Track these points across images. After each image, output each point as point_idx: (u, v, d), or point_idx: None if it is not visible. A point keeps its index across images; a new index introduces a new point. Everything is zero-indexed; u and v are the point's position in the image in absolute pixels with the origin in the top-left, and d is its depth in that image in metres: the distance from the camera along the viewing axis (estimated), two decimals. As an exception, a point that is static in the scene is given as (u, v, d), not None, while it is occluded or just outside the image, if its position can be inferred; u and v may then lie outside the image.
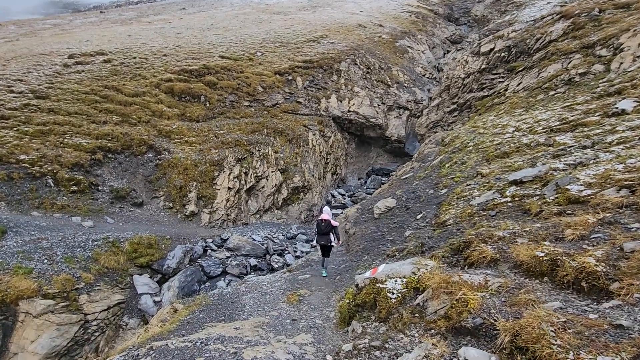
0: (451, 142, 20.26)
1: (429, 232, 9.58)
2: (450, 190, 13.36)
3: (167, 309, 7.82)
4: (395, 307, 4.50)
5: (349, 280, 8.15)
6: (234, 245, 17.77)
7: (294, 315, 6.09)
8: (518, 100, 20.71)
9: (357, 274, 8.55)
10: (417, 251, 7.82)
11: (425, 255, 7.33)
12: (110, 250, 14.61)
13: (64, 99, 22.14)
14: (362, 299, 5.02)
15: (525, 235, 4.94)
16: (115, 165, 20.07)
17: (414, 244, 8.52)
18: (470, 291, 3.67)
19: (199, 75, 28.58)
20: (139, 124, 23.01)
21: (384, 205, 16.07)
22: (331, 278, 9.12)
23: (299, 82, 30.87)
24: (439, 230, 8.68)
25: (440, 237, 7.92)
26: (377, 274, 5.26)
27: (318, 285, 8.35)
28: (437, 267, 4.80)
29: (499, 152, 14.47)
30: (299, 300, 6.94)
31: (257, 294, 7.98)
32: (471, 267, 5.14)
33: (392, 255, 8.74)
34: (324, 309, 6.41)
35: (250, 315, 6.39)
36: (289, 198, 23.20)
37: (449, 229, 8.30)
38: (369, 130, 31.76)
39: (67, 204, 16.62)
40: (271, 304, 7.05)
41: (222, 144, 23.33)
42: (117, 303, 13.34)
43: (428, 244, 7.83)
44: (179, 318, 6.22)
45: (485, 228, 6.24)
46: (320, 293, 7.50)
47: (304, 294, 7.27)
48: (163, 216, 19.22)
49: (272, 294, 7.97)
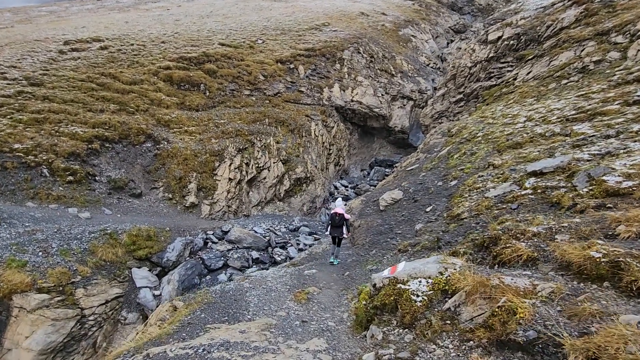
0: (458, 133, 19.67)
1: (442, 225, 9.09)
2: (461, 182, 12.84)
3: (166, 307, 7.36)
4: (421, 311, 4.01)
5: (359, 277, 7.68)
6: (235, 238, 17.33)
7: (304, 316, 5.62)
8: (528, 89, 20.04)
9: (369, 269, 8.10)
10: (432, 246, 7.34)
11: (442, 251, 6.84)
12: (107, 242, 14.14)
13: (59, 86, 21.46)
14: (381, 301, 4.53)
15: (565, 232, 4.43)
16: (112, 155, 19.50)
17: (428, 239, 8.03)
18: (516, 297, 3.17)
19: (198, 63, 27.80)
20: (137, 112, 22.36)
21: (390, 197, 15.56)
22: (339, 274, 8.66)
23: (301, 71, 30.10)
24: (454, 224, 8.19)
25: (457, 232, 7.43)
26: (397, 272, 4.75)
27: (326, 281, 7.88)
28: (467, 267, 4.30)
29: (510, 142, 13.91)
30: (307, 298, 6.47)
31: (262, 291, 7.52)
32: (502, 266, 4.65)
33: (404, 250, 8.26)
34: (335, 308, 5.94)
35: (255, 315, 5.92)
36: (291, 189, 22.69)
37: (466, 222, 7.80)
38: (372, 120, 31.10)
39: (63, 194, 16.10)
40: (277, 303, 6.59)
41: (222, 133, 22.72)
42: (115, 297, 12.92)
43: (444, 238, 7.34)
44: (179, 318, 5.76)
45: (512, 222, 5.72)
46: (330, 291, 7.03)
47: (312, 291, 6.80)
48: (162, 207, 18.73)
49: (277, 290, 7.50)
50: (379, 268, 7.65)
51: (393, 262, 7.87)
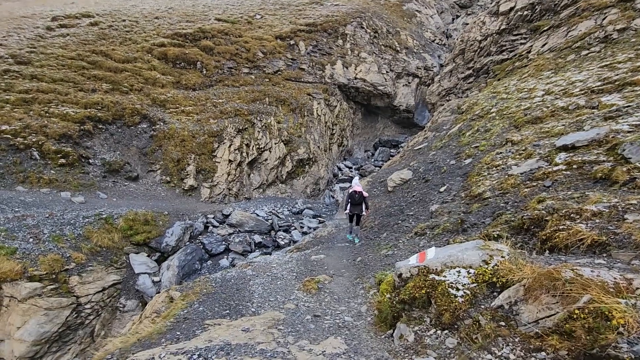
0: (469, 109, 18.68)
1: (461, 206, 8.33)
2: (477, 160, 12.02)
3: (162, 297, 6.70)
4: (463, 309, 3.28)
5: (373, 263, 6.98)
6: (237, 221, 16.67)
7: (315, 309, 4.94)
8: (544, 62, 18.87)
9: (384, 254, 7.39)
10: (456, 229, 6.59)
11: (469, 234, 6.10)
12: (103, 227, 13.49)
13: (48, 64, 20.35)
14: (410, 294, 3.80)
15: (636, 210, 3.64)
16: (106, 137, 18.64)
17: (449, 220, 7.28)
18: (605, 296, 2.40)
19: (194, 40, 26.47)
20: (131, 92, 21.33)
21: (398, 177, 14.78)
22: (350, 260, 7.97)
23: (302, 47, 28.74)
24: (477, 204, 7.42)
25: (483, 212, 6.66)
26: (427, 260, 4.00)
27: (337, 268, 7.19)
28: (517, 254, 3.54)
29: (529, 117, 12.99)
30: (317, 288, 5.78)
31: (267, 279, 6.84)
32: (555, 252, 3.88)
33: (421, 233, 7.52)
34: (350, 300, 5.25)
35: (260, 308, 5.24)
36: (293, 171, 21.90)
37: (491, 202, 7.03)
38: (377, 99, 29.94)
39: (55, 178, 15.35)
40: (284, 293, 5.91)
41: (221, 113, 21.75)
42: (113, 284, 12.36)
43: (469, 220, 6.59)
44: (174, 312, 5.09)
45: (555, 201, 4.93)
46: (342, 279, 6.34)
47: (323, 280, 6.10)
48: (160, 191, 18.01)
49: (284, 278, 6.82)
50: (396, 253, 6.94)
51: (410, 246, 7.15)
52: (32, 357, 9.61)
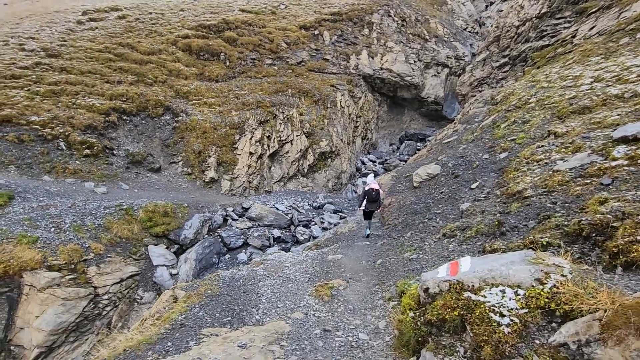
0: (505, 100, 17.27)
1: (497, 205, 7.41)
2: (513, 154, 10.92)
3: (167, 295, 6.33)
4: (511, 342, 2.54)
5: (395, 267, 6.25)
6: (256, 215, 16.33)
7: (326, 321, 4.33)
8: (592, 46, 17.09)
9: (407, 258, 6.64)
10: (492, 232, 5.74)
11: (508, 238, 5.24)
12: (123, 218, 13.49)
13: (77, 57, 20.76)
14: (438, 314, 3.09)
15: None
16: (130, 128, 18.78)
17: (483, 221, 6.41)
18: None
19: (218, 31, 26.29)
20: (155, 84, 21.43)
21: (425, 172, 13.83)
22: (369, 261, 7.28)
23: (326, 37, 27.90)
24: (516, 203, 6.49)
25: (525, 214, 5.76)
26: (461, 274, 3.26)
27: (354, 271, 6.54)
28: (583, 273, 2.74)
29: (575, 107, 11.66)
30: (331, 294, 5.16)
31: (278, 280, 6.29)
32: (634, 270, 3.03)
33: (450, 235, 6.70)
34: (367, 312, 4.59)
35: (266, 316, 4.70)
36: (315, 164, 21.30)
37: (535, 202, 6.10)
38: (403, 90, 28.68)
39: (79, 168, 15.57)
40: (295, 298, 5.33)
41: (243, 105, 21.45)
42: (131, 275, 12.32)
43: (508, 222, 5.71)
44: (172, 316, 4.65)
45: (625, 203, 4.02)
46: (359, 284, 5.68)
47: (337, 285, 5.47)
48: (181, 182, 17.96)
49: (296, 281, 6.25)
50: (421, 258, 6.17)
51: (438, 249, 6.35)
52: (50, 346, 9.66)
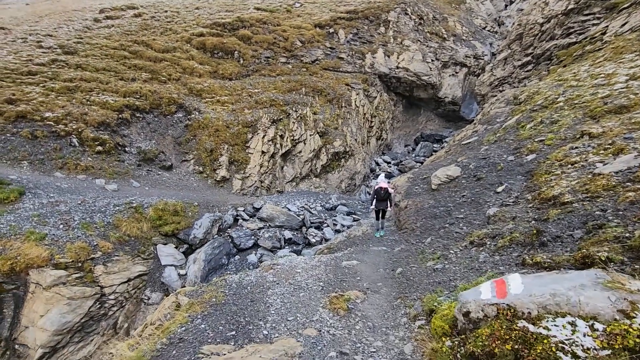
0: (529, 99, 16.42)
1: (529, 210, 6.75)
2: (543, 156, 10.19)
3: (170, 300, 5.92)
4: (587, 393, 1.94)
5: (417, 278, 5.67)
6: (267, 216, 15.91)
7: (343, 341, 3.80)
8: (625, 43, 16.09)
9: (430, 267, 6.02)
10: (529, 241, 5.11)
11: (551, 249, 4.61)
12: (132, 216, 13.26)
13: (92, 54, 20.82)
14: (484, 346, 2.54)
15: None
16: (143, 125, 18.65)
17: (516, 229, 5.78)
18: None
19: (232, 29, 26.09)
20: (169, 81, 21.32)
21: (444, 174, 13.14)
22: (387, 269, 6.72)
23: (342, 36, 27.39)
24: (555, 209, 5.83)
25: (568, 222, 5.11)
26: (512, 296, 2.70)
27: (372, 280, 5.99)
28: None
29: (610, 106, 10.84)
30: (347, 308, 4.64)
31: (288, 288, 5.80)
32: None
33: (480, 244, 6.08)
34: (389, 331, 4.04)
35: (275, 331, 4.21)
36: (328, 165, 20.78)
37: (577, 208, 5.44)
38: (420, 90, 27.90)
39: (91, 165, 15.46)
40: (307, 310, 4.83)
41: (256, 103, 21.12)
42: (139, 275, 12.05)
43: (548, 230, 5.06)
44: (171, 328, 4.22)
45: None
46: (378, 297, 5.13)
47: (354, 298, 4.94)
48: (192, 181, 17.72)
49: (308, 289, 5.75)
50: (447, 268, 5.57)
51: (466, 259, 5.74)
52: (54, 346, 9.42)
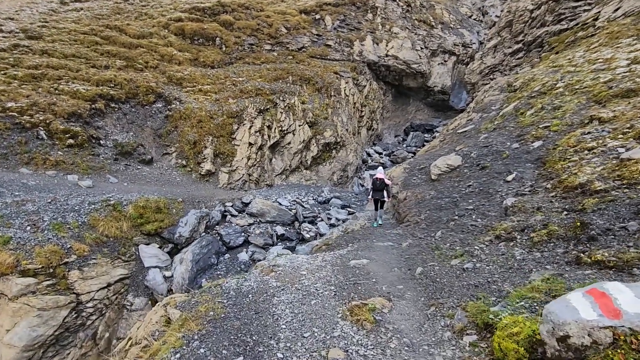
0: (525, 86, 16.08)
1: (553, 200, 6.19)
2: (551, 143, 9.75)
3: (158, 314, 5.05)
4: None
5: (446, 280, 4.98)
6: (258, 211, 15.04)
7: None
8: (620, 28, 15.91)
9: (456, 266, 5.36)
10: (573, 235, 4.51)
11: (606, 244, 4.01)
12: (110, 215, 12.11)
13: (60, 39, 19.11)
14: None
15: None
16: (119, 116, 17.28)
17: (548, 220, 5.18)
18: None
19: (213, 14, 24.67)
20: (146, 69, 19.89)
21: (444, 164, 12.61)
22: (403, 268, 6.04)
23: (328, 22, 26.40)
24: (590, 198, 5.27)
25: (615, 212, 4.54)
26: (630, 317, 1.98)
27: (390, 282, 5.29)
28: None
29: (616, 90, 10.49)
30: (374, 320, 3.93)
31: (297, 295, 5.04)
32: None
33: (508, 238, 5.47)
34: (433, 350, 3.33)
35: (290, 352, 3.44)
36: (319, 156, 19.98)
37: (618, 197, 4.88)
38: (409, 79, 27.34)
39: (62, 159, 14.11)
40: (324, 323, 4.09)
41: (241, 92, 20.00)
42: (120, 279, 11.00)
43: (594, 222, 4.47)
44: (162, 354, 3.40)
45: None
46: (406, 304, 4.42)
47: (380, 307, 4.20)
48: (175, 175, 16.58)
49: (319, 295, 5.00)
50: (480, 268, 4.90)
51: (497, 256, 5.11)
52: (24, 364, 8.36)
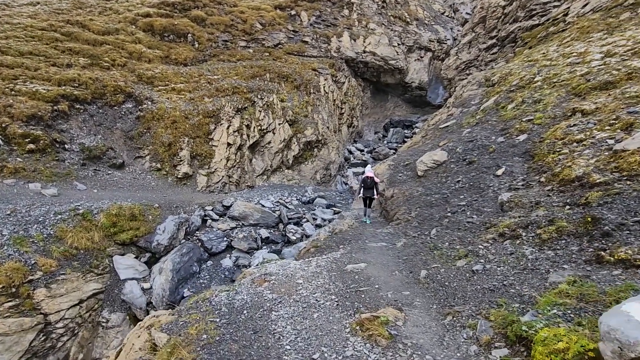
0: (503, 81, 16.31)
1: (552, 195, 6.10)
2: (537, 135, 9.81)
3: (142, 339, 4.49)
4: None
5: (455, 284, 4.71)
6: (240, 214, 14.43)
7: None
8: (590, 23, 16.43)
9: (463, 268, 5.10)
10: (584, 231, 4.36)
11: (621, 239, 3.84)
12: (80, 225, 11.19)
13: (14, 35, 17.59)
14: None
15: None
16: (85, 118, 16.10)
17: (553, 216, 5.02)
18: None
19: (183, 10, 23.60)
20: (113, 67, 18.69)
21: (430, 159, 12.52)
22: (404, 271, 5.75)
23: (304, 18, 25.91)
24: (593, 192, 5.16)
25: (623, 206, 4.42)
26: None
27: (394, 288, 4.98)
28: None
29: (594, 83, 10.71)
30: (389, 336, 3.58)
31: (296, 308, 4.62)
32: None
33: (512, 235, 5.28)
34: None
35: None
36: (301, 155, 19.51)
37: (623, 190, 4.79)
38: (387, 75, 27.33)
39: (22, 166, 12.92)
40: (332, 340, 3.71)
41: (217, 91, 19.20)
42: (93, 294, 10.17)
43: (606, 217, 4.33)
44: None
45: None
46: (419, 313, 4.11)
47: (392, 319, 3.86)
48: (150, 180, 15.65)
49: (320, 307, 4.61)
50: (491, 270, 4.67)
51: (508, 256, 4.89)
52: (-16, 398, 7.48)
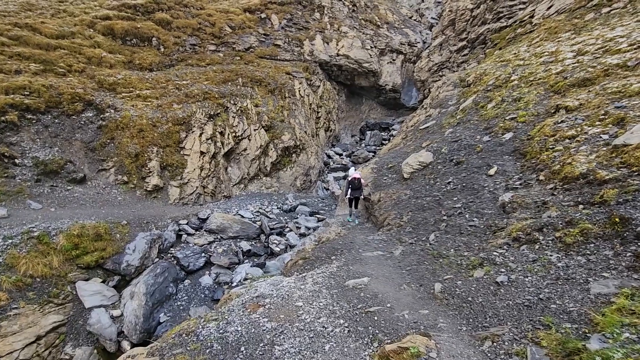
0: (478, 81, 16.47)
1: (558, 193, 5.84)
2: (523, 133, 9.74)
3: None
4: None
5: (481, 300, 4.22)
6: (218, 226, 13.50)
7: None
8: (557, 24, 17.00)
9: (482, 279, 4.63)
10: (611, 232, 4.02)
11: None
12: (35, 249, 9.91)
13: (-48, 40, 15.71)
14: None
15: None
16: (39, 130, 14.57)
17: (568, 216, 4.70)
18: None
19: (147, 12, 22.28)
20: (70, 73, 17.16)
21: (416, 161, 12.23)
22: (413, 284, 5.24)
23: (275, 21, 25.31)
24: (607, 190, 4.90)
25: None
26: None
27: (408, 306, 4.45)
28: None
29: (572, 80, 10.85)
30: (423, 370, 3.04)
31: (302, 339, 3.97)
32: None
33: (529, 240, 4.91)
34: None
35: None
36: (279, 161, 18.76)
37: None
38: (361, 78, 27.22)
39: (-37, 186, 11.37)
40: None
41: (186, 97, 18.11)
42: (53, 327, 8.94)
43: (634, 216, 4.02)
44: None
45: None
46: (447, 338, 3.53)
47: (423, 350, 3.29)
48: (116, 194, 14.35)
49: (330, 336, 3.99)
50: (519, 281, 4.20)
51: (532, 265, 4.47)
52: None
